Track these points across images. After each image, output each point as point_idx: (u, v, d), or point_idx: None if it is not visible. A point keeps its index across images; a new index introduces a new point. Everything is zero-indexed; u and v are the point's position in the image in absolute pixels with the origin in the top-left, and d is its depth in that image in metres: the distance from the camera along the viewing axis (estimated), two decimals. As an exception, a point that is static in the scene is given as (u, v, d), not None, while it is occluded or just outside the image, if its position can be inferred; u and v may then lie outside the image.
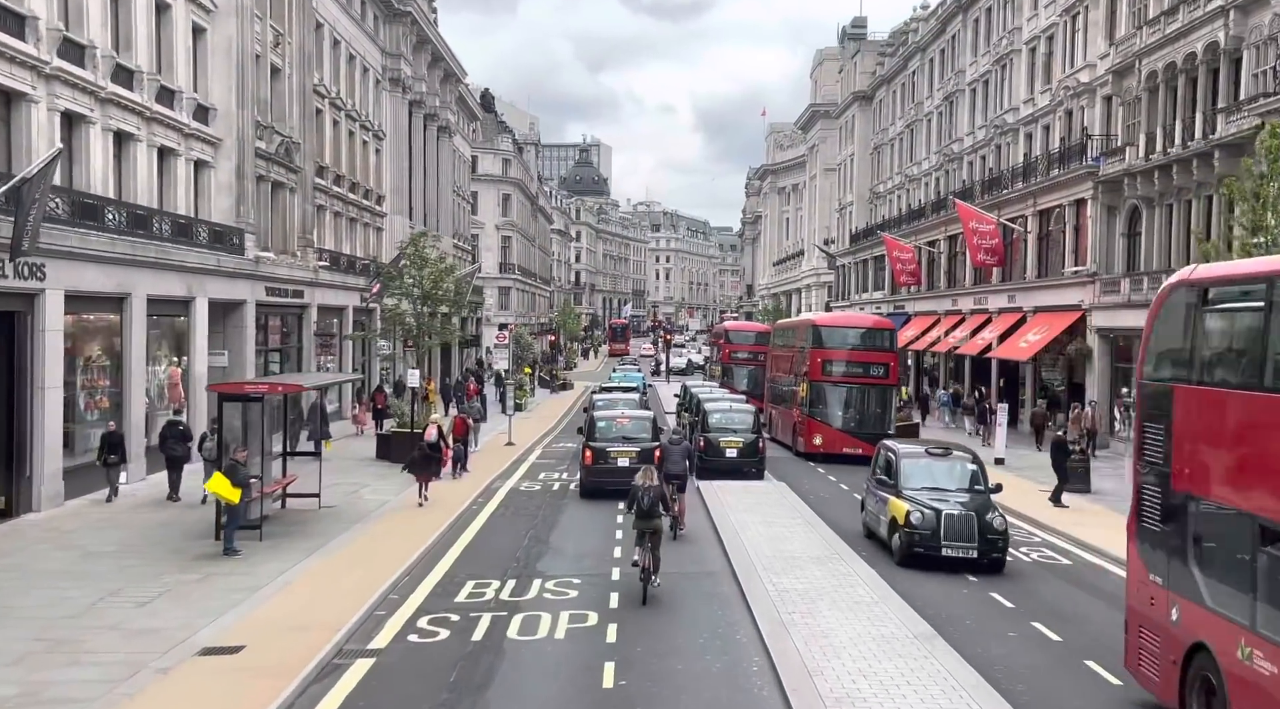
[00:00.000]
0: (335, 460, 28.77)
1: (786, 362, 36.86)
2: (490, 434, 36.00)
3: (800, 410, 33.04)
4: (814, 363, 32.64)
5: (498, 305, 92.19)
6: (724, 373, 48.72)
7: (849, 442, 31.42)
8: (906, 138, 62.90)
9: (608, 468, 23.58)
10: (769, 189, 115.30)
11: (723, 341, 53.05)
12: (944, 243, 52.40)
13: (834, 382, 32.39)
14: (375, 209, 47.14)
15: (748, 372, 47.27)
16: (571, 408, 53.61)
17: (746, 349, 49.26)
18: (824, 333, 33.62)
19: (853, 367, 32.51)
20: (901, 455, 18.86)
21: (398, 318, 29.39)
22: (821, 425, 32.26)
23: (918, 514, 17.18)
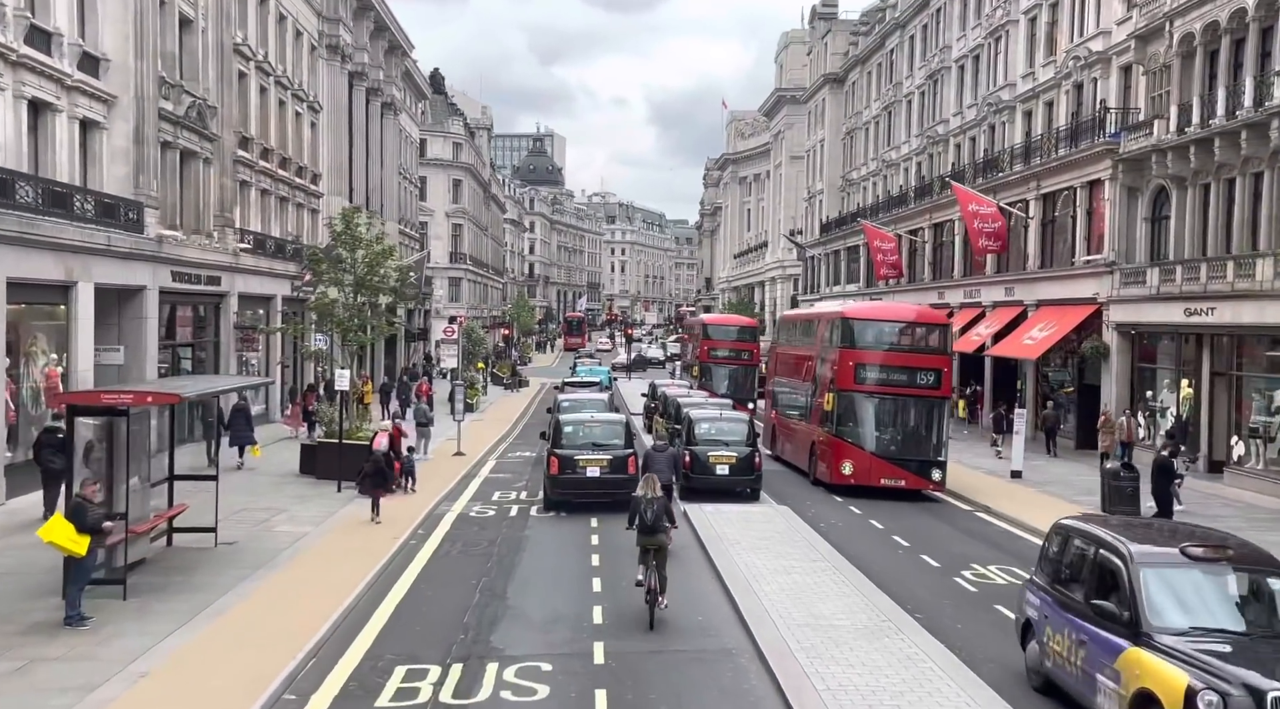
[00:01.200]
0: (249, 477, 24.39)
1: (799, 364, 29.55)
2: (437, 440, 31.71)
3: (823, 428, 25.59)
4: (844, 367, 24.99)
5: (448, 297, 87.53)
6: (702, 373, 43.21)
7: (889, 470, 24.47)
8: (884, 120, 59.28)
9: (576, 478, 21.04)
10: (730, 179, 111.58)
11: (699, 337, 46.70)
12: (928, 231, 48.80)
13: (871, 392, 24.80)
14: (310, 188, 42.51)
15: (729, 372, 42.60)
16: (529, 408, 49.40)
17: (728, 346, 44.12)
18: (858, 328, 25.47)
19: (895, 373, 24.81)
20: (1141, 561, 9.95)
21: (326, 309, 24.99)
22: (853, 449, 24.63)
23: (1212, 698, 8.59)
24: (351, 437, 24.34)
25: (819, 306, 32.57)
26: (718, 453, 22.09)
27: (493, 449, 32.44)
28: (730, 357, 43.40)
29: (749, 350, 44.08)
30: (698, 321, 53.12)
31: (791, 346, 31.84)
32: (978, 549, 19.09)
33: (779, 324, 35.85)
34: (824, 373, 26.40)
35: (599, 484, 20.94)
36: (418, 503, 21.61)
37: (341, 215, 25.67)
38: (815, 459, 26.25)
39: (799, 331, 31.93)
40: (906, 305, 34.70)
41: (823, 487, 25.46)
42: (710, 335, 45.14)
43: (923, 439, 24.82)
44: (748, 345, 44.38)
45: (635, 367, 78.51)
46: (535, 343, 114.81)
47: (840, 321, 26.06)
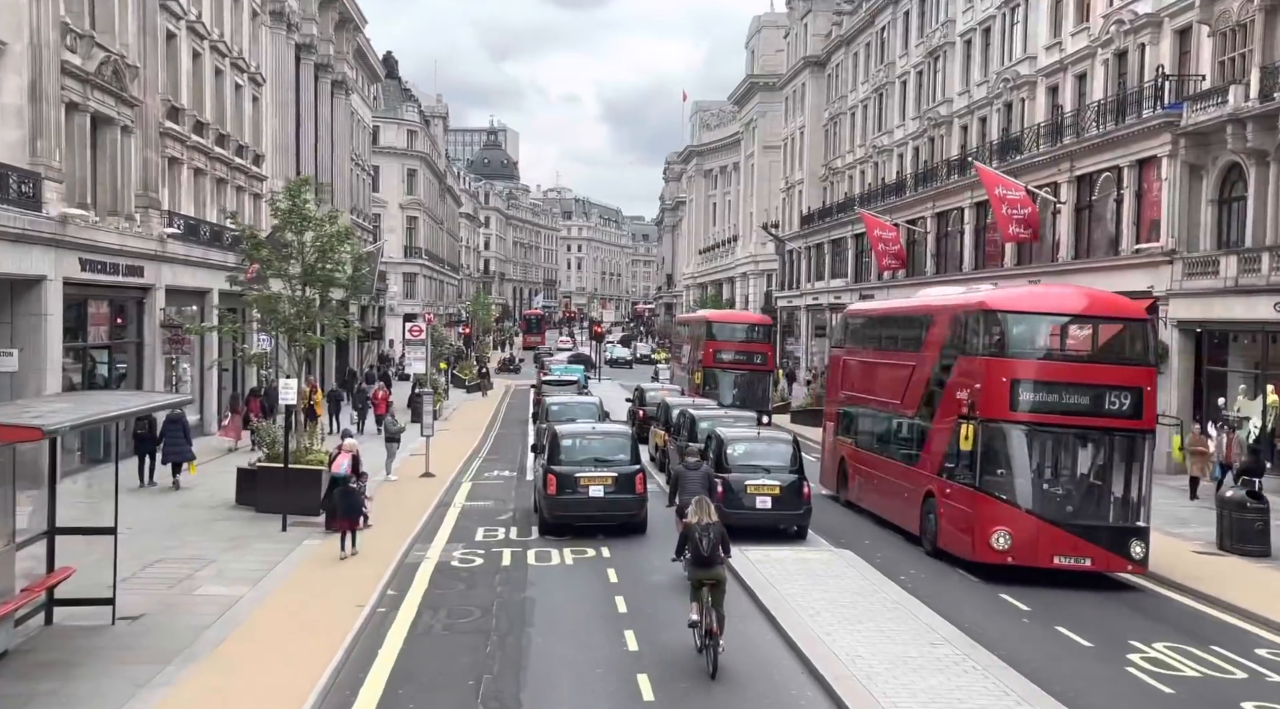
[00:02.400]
0: (172, 512, 19.81)
1: (893, 379, 20.86)
2: (401, 457, 27.25)
3: (953, 477, 17.35)
4: (993, 387, 16.49)
5: (403, 294, 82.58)
6: (706, 379, 37.72)
7: (1067, 543, 16.08)
8: (874, 104, 55.46)
9: (577, 498, 18.57)
10: (694, 172, 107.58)
11: (701, 338, 40.52)
12: (931, 221, 45.02)
13: (1041, 424, 16.51)
14: (251, 169, 37.71)
15: (739, 378, 37.66)
16: (498, 414, 44.92)
17: (735, 347, 38.89)
18: (1015, 327, 16.99)
19: (1074, 394, 16.45)
20: None
21: (269, 304, 20.35)
22: (1008, 510, 16.27)
23: None
24: (300, 460, 19.84)
25: (925, 296, 23.27)
26: (757, 481, 17.72)
27: (465, 466, 28.01)
28: (740, 360, 38.38)
29: (762, 352, 39.20)
30: (698, 319, 45.33)
31: (873, 353, 23.13)
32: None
33: (846, 323, 25.46)
34: (951, 394, 17.83)
35: (603, 505, 18.53)
36: (385, 546, 17.16)
37: (286, 189, 21.11)
38: (935, 520, 17.85)
39: (887, 332, 23.09)
40: (1076, 289, 21.87)
41: (945, 559, 17.49)
42: (716, 335, 39.37)
43: (1116, 495, 16.69)
44: (761, 347, 39.38)
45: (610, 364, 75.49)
46: (493, 341, 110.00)
47: (983, 317, 17.30)
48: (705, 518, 11.97)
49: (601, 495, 18.46)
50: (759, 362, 38.62)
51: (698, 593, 11.89)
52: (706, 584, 11.80)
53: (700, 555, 11.75)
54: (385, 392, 33.02)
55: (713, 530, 11.85)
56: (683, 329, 49.38)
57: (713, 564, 11.79)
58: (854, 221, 54.99)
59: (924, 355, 19.72)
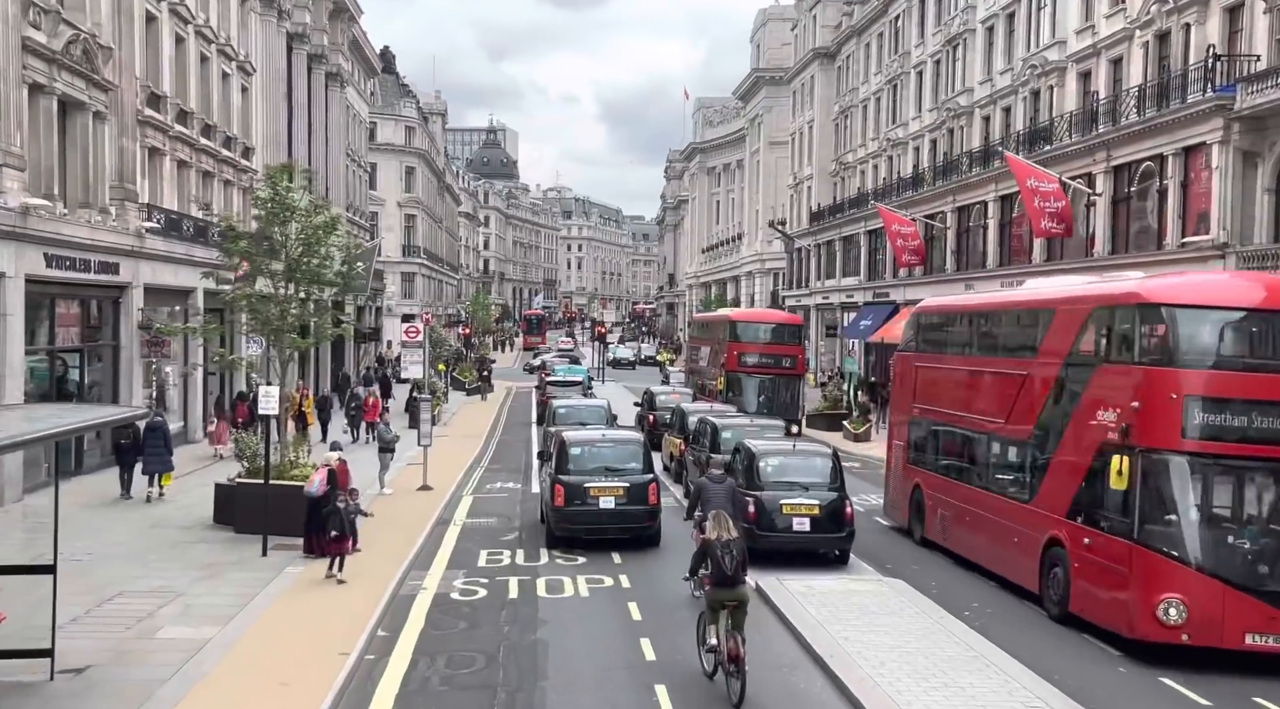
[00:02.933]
0: (145, 530, 17.93)
1: (995, 391, 17.01)
2: (397, 467, 25.37)
3: (1096, 523, 13.52)
4: (1161, 409, 12.69)
5: (401, 293, 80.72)
6: (730, 385, 34.28)
7: (1264, 617, 12.25)
8: (887, 95, 53.56)
9: (587, 510, 17.48)
10: (697, 170, 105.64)
11: (723, 339, 36.68)
12: (951, 215, 43.11)
13: (1233, 458, 12.70)
14: (240, 163, 35.79)
15: (763, 383, 34.20)
16: (499, 418, 43.01)
17: (762, 350, 35.24)
18: (1183, 325, 13.00)
19: (1273, 415, 12.62)
20: None
21: (253, 304, 18.31)
22: (1185, 572, 12.39)
23: None
24: (284, 475, 17.93)
25: (1035, 287, 18.69)
26: (794, 500, 15.71)
27: (466, 478, 26.09)
28: (768, 364, 34.63)
29: (792, 355, 35.41)
30: (720, 319, 40.94)
31: (961, 358, 18.80)
32: None
33: (919, 321, 20.85)
34: (1088, 414, 13.84)
35: (615, 517, 17.54)
36: (376, 574, 15.25)
37: (268, 177, 19.16)
38: (1065, 577, 13.94)
39: (984, 332, 18.53)
40: (1254, 276, 18.59)
41: (1074, 624, 13.75)
42: (740, 336, 35.56)
43: None
44: (790, 349, 35.56)
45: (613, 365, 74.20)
46: (493, 342, 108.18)
47: (1139, 312, 13.33)
48: (725, 533, 11.17)
49: (613, 507, 17.41)
50: (788, 365, 34.77)
51: (716, 615, 11.08)
52: (728, 606, 10.97)
53: (723, 574, 10.94)
54: (377, 397, 31.00)
55: (735, 547, 11.08)
56: (701, 330, 45.13)
57: (736, 584, 11.01)
58: (867, 217, 53.17)
59: (1041, 362, 15.55)
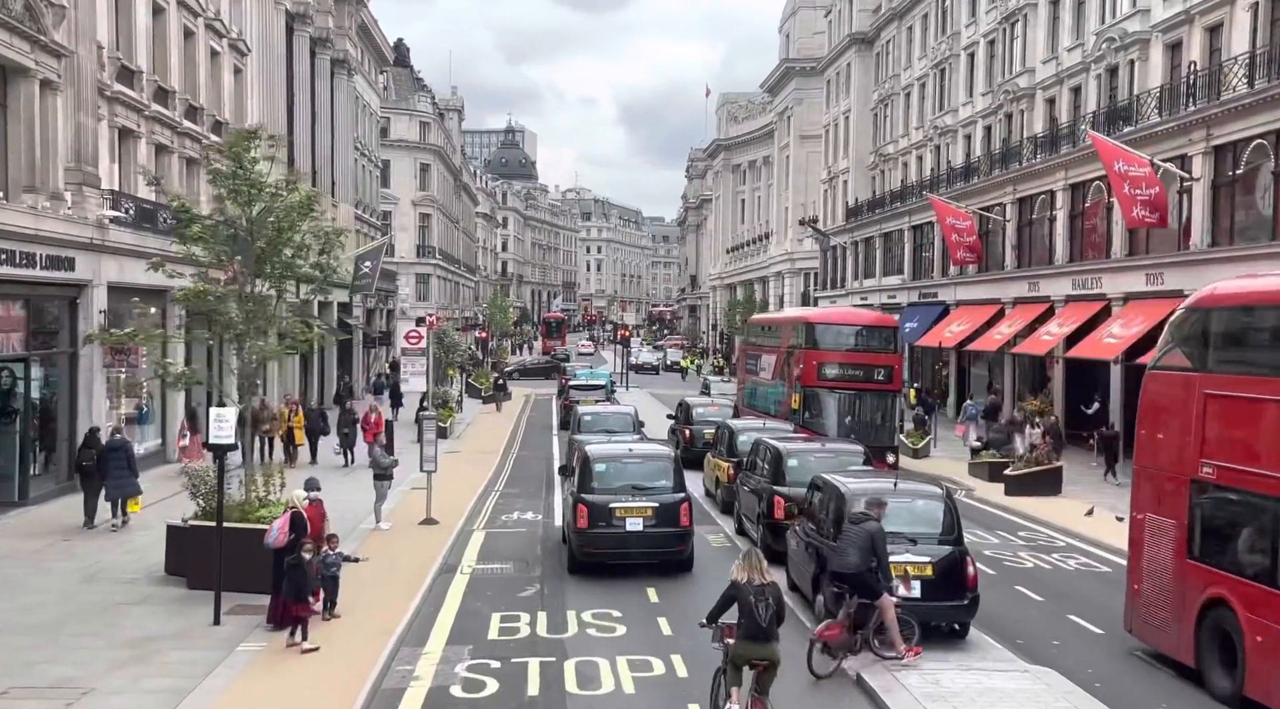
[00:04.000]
0: (76, 584, 14.44)
1: None
2: (397, 495, 21.87)
3: None
4: None
5: (416, 296, 77.38)
6: (806, 403, 27.31)
7: None
8: (933, 81, 49.79)
9: (612, 533, 16.17)
10: (722, 167, 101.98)
11: (798, 346, 29.25)
12: (1011, 207, 39.32)
13: None
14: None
15: (846, 401, 27.49)
16: (517, 430, 39.45)
17: (847, 359, 27.96)
18: None
19: None
20: None
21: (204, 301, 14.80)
22: None
23: None
24: (250, 515, 14.42)
25: None
26: (900, 558, 11.99)
27: (478, 507, 22.46)
28: (856, 377, 27.70)
29: (886, 366, 28.30)
30: (792, 320, 32.89)
31: None
32: None
33: (1210, 320, 12.39)
34: None
35: (643, 540, 16.19)
36: (355, 655, 11.68)
37: (229, 145, 15.61)
38: None
39: None
40: None
41: None
42: (820, 342, 28.39)
43: None
44: (884, 358, 28.52)
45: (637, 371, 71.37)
46: (511, 346, 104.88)
47: None
48: (759, 576, 9.67)
49: (640, 529, 16.03)
50: (881, 379, 27.69)
51: (739, 674, 9.59)
52: (755, 665, 9.56)
53: (756, 626, 9.44)
54: (380, 413, 27.38)
55: (770, 594, 9.57)
56: (762, 334, 36.09)
57: (769, 639, 9.57)
58: (912, 211, 49.52)
59: None
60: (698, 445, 29.80)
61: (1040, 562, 17.33)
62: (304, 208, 15.37)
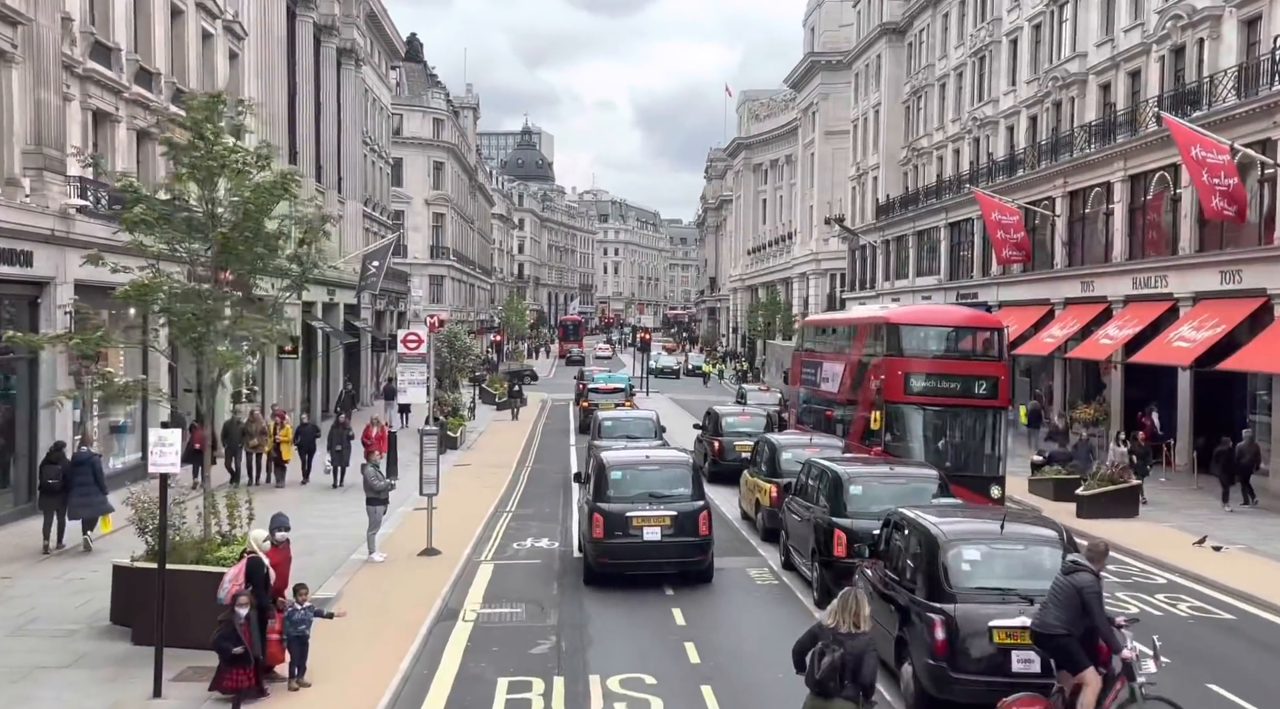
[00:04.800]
0: (3, 638, 12.05)
1: None
2: (397, 517, 19.44)
3: None
4: None
5: (429, 298, 75.16)
6: (891, 422, 22.10)
7: None
8: (971, 70, 47.14)
9: (629, 543, 15.63)
10: (742, 167, 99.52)
11: (875, 352, 23.92)
12: (1061, 202, 36.65)
13: None
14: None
15: (940, 420, 22.30)
16: (533, 439, 36.98)
17: (939, 368, 22.66)
18: None
19: None
20: None
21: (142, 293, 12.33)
22: None
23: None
24: (207, 556, 12.00)
25: None
26: (1009, 622, 9.25)
27: (486, 532, 19.95)
28: (951, 391, 22.14)
29: (989, 377, 22.35)
30: (869, 321, 25.96)
31: None
32: None
33: None
34: None
35: (660, 550, 15.74)
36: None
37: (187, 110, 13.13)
38: None
39: None
40: None
41: None
42: (906, 347, 22.81)
43: None
44: (989, 367, 22.64)
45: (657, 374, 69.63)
46: (528, 349, 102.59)
47: None
48: (848, 622, 8.03)
49: (658, 539, 15.55)
50: (983, 392, 22.06)
51: None
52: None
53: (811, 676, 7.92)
54: (383, 426, 24.72)
55: (849, 646, 7.89)
56: (824, 338, 30.27)
57: (828, 696, 7.87)
58: (949, 208, 46.90)
59: None
60: (728, 458, 27.64)
61: (1145, 604, 14.70)
62: (279, 188, 12.91)
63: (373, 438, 23.14)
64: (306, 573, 15.16)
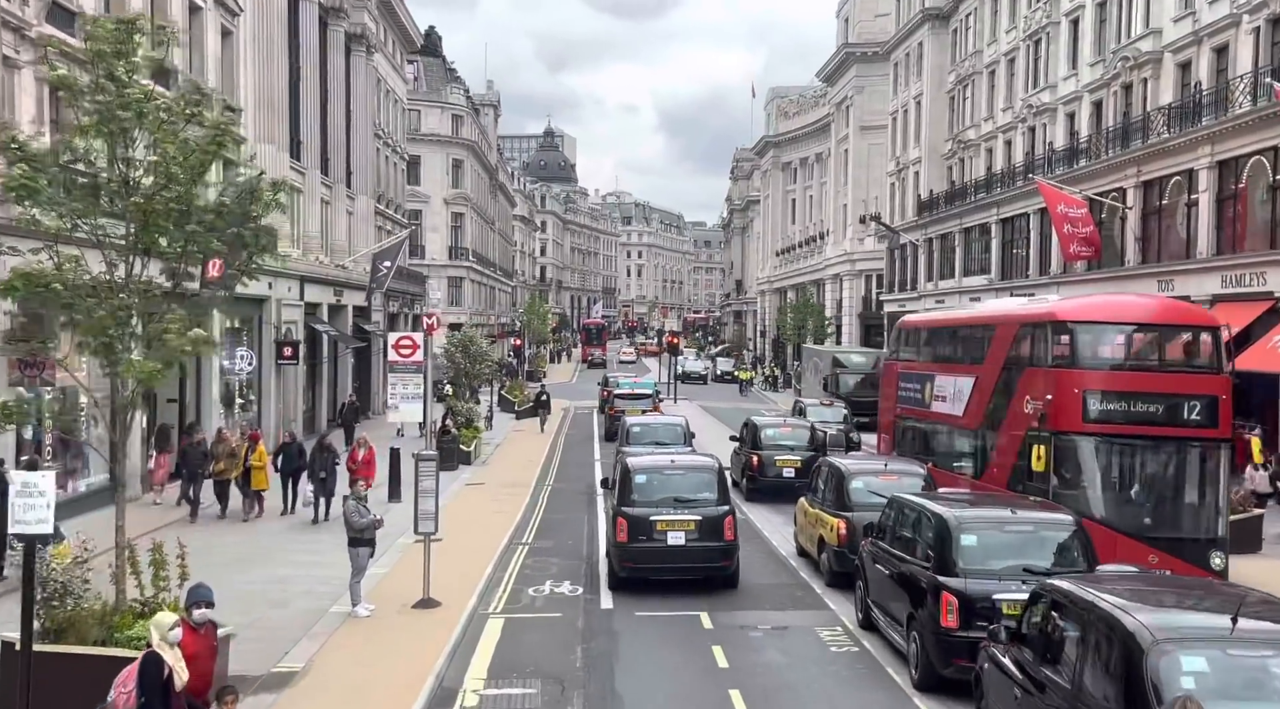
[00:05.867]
0: None
1: None
2: (391, 555, 16.45)
3: None
4: None
5: (447, 300, 72.38)
6: (1058, 460, 15.62)
7: None
8: (1025, 54, 43.85)
9: (652, 548, 15.42)
10: (770, 166, 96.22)
11: (1037, 359, 17.03)
12: (1134, 193, 33.36)
13: None
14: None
15: (1136, 459, 15.81)
16: (555, 453, 33.81)
17: (1134, 383, 15.73)
18: None
19: None
20: None
21: (30, 284, 9.37)
22: None
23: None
24: (116, 635, 9.03)
25: None
26: None
27: (498, 573, 16.80)
28: (1152, 416, 15.32)
29: (1206, 398, 15.47)
30: (1014, 319, 18.64)
31: None
32: None
33: None
34: None
35: (684, 555, 15.55)
36: None
37: (89, 39, 10.16)
38: None
39: None
40: None
41: None
42: (1086, 355, 16.16)
43: None
44: (1204, 383, 15.72)
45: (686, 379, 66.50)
46: (550, 353, 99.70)
47: None
48: None
49: (682, 543, 15.63)
50: (1197, 418, 15.37)
51: None
52: None
53: None
54: (371, 448, 20.76)
55: None
56: (937, 343, 23.07)
57: None
58: (999, 203, 43.65)
59: None
60: (768, 474, 25.01)
61: None
62: (212, 145, 9.97)
63: (359, 461, 19.46)
64: (274, 630, 12.25)
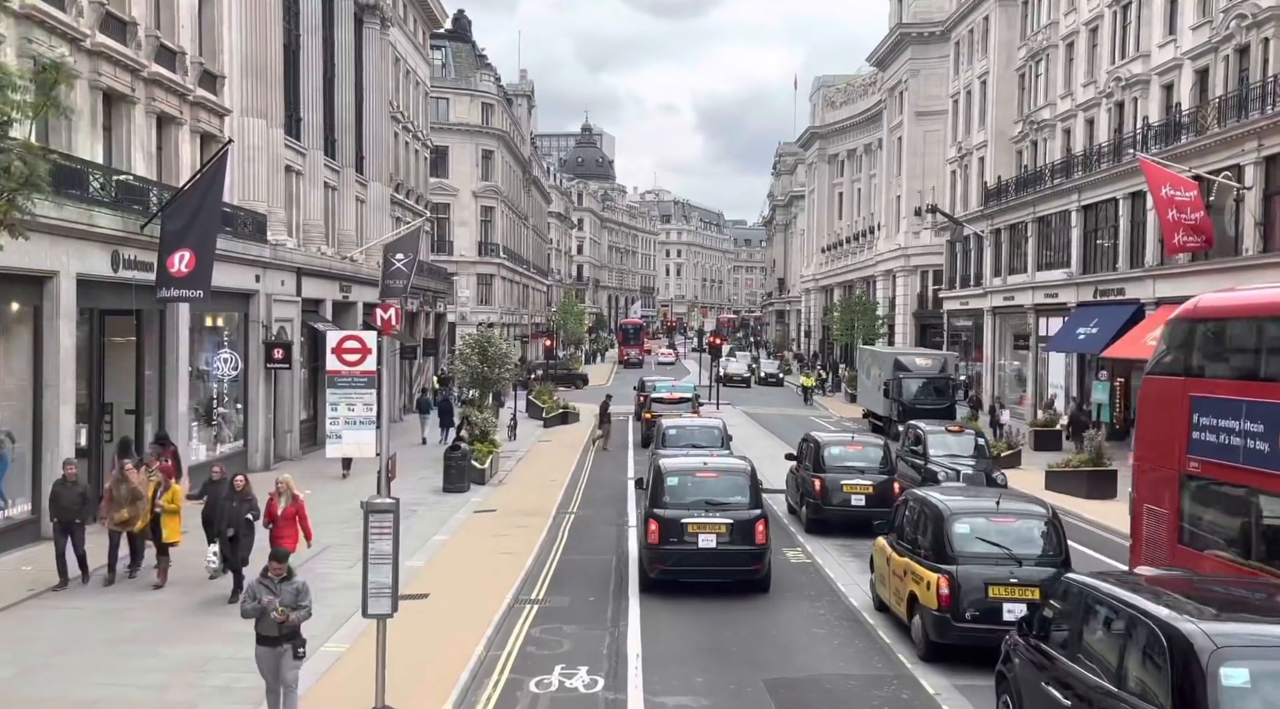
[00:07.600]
0: None
1: None
2: (349, 629, 12.43)
3: None
4: None
5: (477, 299, 68.73)
6: None
7: None
8: (1110, 21, 39.26)
9: (683, 550, 15.47)
10: (816, 159, 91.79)
11: None
12: (1254, 171, 28.75)
13: None
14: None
15: None
16: (580, 470, 29.62)
17: None
18: None
19: None
20: None
21: None
22: None
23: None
24: None
25: None
26: None
27: (491, 652, 12.65)
28: None
29: None
30: None
31: None
32: None
33: None
34: None
35: (715, 558, 15.49)
36: None
37: None
38: None
39: None
40: None
41: None
42: None
43: None
44: None
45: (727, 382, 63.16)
46: (585, 354, 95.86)
47: None
48: None
49: (713, 546, 15.47)
50: None
51: None
52: None
53: None
54: (299, 499, 13.81)
55: None
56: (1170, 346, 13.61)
57: None
58: (1081, 188, 39.11)
59: None
60: (833, 502, 20.79)
61: None
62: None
63: (277, 518, 13.52)
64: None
